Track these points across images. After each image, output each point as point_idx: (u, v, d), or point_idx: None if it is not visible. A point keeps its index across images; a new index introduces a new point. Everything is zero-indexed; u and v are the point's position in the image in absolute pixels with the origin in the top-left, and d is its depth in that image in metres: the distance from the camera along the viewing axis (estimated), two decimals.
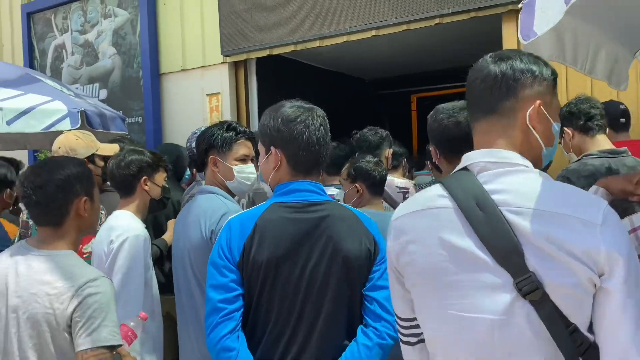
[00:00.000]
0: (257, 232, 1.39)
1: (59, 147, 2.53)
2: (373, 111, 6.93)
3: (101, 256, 2.10)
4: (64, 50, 5.69)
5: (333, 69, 6.05)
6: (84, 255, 2.34)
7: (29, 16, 5.85)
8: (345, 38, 4.09)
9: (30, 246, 1.50)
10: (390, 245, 1.11)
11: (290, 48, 4.35)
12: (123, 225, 2.11)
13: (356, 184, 2.39)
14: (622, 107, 2.75)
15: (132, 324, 1.64)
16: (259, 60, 4.74)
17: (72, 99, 3.22)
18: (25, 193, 1.47)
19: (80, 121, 3.03)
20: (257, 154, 1.64)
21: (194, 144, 2.56)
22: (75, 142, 2.55)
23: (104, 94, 5.37)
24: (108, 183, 2.68)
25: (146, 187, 2.22)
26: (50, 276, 1.41)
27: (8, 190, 2.93)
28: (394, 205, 2.81)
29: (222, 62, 4.73)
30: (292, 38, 4.28)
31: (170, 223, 2.50)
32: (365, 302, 1.41)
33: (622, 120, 2.71)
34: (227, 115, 4.74)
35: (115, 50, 5.30)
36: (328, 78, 6.06)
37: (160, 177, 2.28)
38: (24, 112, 2.84)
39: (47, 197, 1.46)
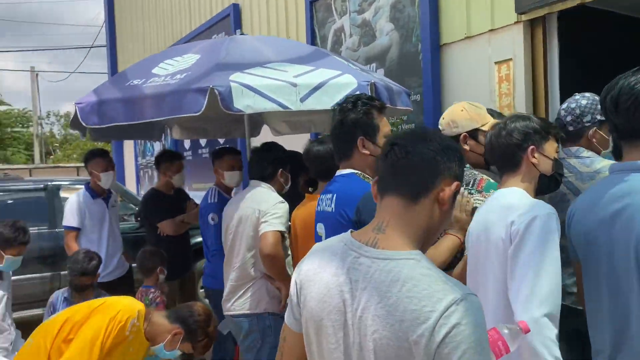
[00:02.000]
0: None
1: (443, 118, 2.23)
2: None
3: (497, 244, 1.62)
4: (342, 34, 5.71)
5: None
6: None
7: (311, 4, 6.05)
8: None
9: (361, 243, 1.11)
10: None
11: None
12: (524, 203, 1.63)
13: None
14: None
15: (505, 331, 1.18)
16: (561, 16, 3.86)
17: (360, 72, 2.97)
18: (394, 156, 1.12)
19: (370, 95, 2.75)
20: None
21: (576, 109, 2.16)
22: (459, 114, 2.19)
23: (380, 73, 5.19)
24: None
25: (534, 160, 1.74)
26: (400, 292, 1.02)
27: (281, 170, 2.92)
28: None
29: (515, 22, 4.00)
30: None
31: None
32: None
33: None
34: (520, 85, 4.01)
35: (392, 25, 5.04)
36: None
37: (552, 148, 1.80)
38: (316, 88, 2.67)
39: (416, 163, 1.11)
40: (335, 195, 1.87)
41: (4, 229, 2.94)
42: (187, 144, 8.49)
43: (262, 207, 2.67)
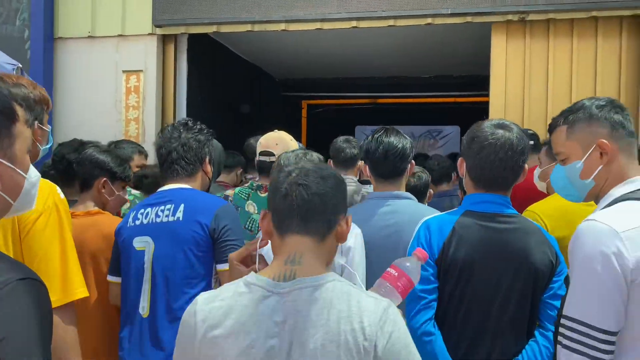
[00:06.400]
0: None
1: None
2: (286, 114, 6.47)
3: None
4: None
5: (253, 62, 5.43)
6: None
7: None
8: (319, 25, 3.57)
9: None
10: (626, 257, 1.13)
11: (246, 27, 3.68)
12: None
13: None
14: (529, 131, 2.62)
15: (407, 264, 1.19)
16: (191, 39, 3.95)
17: None
18: (297, 196, 1.11)
19: None
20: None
21: None
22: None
23: None
24: None
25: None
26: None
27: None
28: None
29: (150, 34, 3.85)
30: (253, 16, 3.62)
31: None
32: (546, 309, 1.51)
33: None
34: (151, 99, 3.88)
35: None
36: (251, 73, 5.45)
37: None
38: None
39: (320, 204, 1.12)
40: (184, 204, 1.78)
41: None
42: None
43: None
